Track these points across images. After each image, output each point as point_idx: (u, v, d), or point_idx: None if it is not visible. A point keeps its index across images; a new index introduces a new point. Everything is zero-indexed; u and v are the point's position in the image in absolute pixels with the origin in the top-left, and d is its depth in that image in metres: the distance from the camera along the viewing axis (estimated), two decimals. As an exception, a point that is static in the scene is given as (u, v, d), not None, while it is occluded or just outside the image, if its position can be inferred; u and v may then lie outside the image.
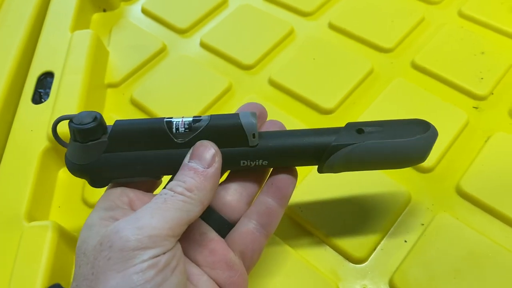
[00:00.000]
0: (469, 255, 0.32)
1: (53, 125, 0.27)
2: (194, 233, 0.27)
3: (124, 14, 0.53)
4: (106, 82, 0.46)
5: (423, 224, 0.34)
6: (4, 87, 0.42)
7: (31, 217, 0.34)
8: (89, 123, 0.25)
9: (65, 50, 0.45)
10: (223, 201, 0.29)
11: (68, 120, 0.26)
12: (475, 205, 0.35)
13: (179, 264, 0.23)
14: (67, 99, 0.40)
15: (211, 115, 0.27)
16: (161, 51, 0.48)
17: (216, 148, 0.26)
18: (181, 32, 0.50)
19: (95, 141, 0.26)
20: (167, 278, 0.22)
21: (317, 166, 0.29)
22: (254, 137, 0.27)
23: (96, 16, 0.53)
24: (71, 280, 0.24)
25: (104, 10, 0.54)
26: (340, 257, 0.33)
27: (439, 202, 0.35)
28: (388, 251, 0.33)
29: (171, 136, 0.26)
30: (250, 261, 0.28)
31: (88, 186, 0.38)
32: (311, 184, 0.36)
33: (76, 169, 0.27)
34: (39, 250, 0.32)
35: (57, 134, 0.27)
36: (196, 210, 0.24)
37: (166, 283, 0.22)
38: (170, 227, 0.23)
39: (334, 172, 0.28)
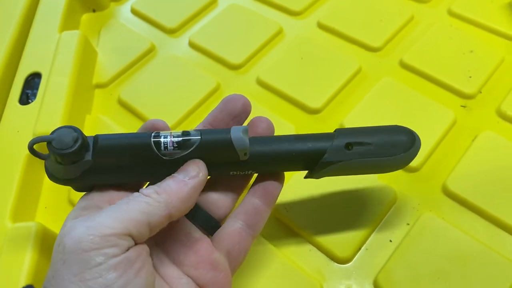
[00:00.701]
0: (454, 255, 0.32)
1: (29, 145, 0.24)
2: (179, 233, 0.27)
3: (113, 15, 0.53)
4: (94, 82, 0.46)
5: (408, 224, 0.34)
6: (-8, 88, 0.42)
7: (16, 218, 0.34)
8: (70, 147, 0.24)
9: (52, 51, 0.44)
10: (210, 200, 0.29)
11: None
12: (461, 205, 0.35)
13: (145, 266, 0.23)
14: (54, 100, 0.40)
15: (201, 132, 0.26)
16: (150, 51, 0.48)
17: (203, 165, 0.26)
18: (170, 32, 0.50)
19: (78, 162, 0.25)
20: (131, 281, 0.21)
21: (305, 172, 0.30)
22: (245, 154, 0.26)
23: (86, 17, 0.53)
24: None
25: (94, 11, 0.53)
26: (325, 257, 0.33)
27: (425, 201, 0.35)
28: (373, 251, 0.33)
29: (159, 154, 0.25)
30: (236, 261, 0.28)
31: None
32: (297, 184, 0.36)
33: (58, 182, 0.26)
34: (22, 251, 0.31)
35: (35, 152, 0.25)
36: (158, 213, 0.23)
37: (129, 286, 0.21)
38: (124, 226, 0.22)
39: (320, 177, 0.29)
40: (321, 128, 0.40)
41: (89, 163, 0.25)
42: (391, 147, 0.28)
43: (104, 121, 0.42)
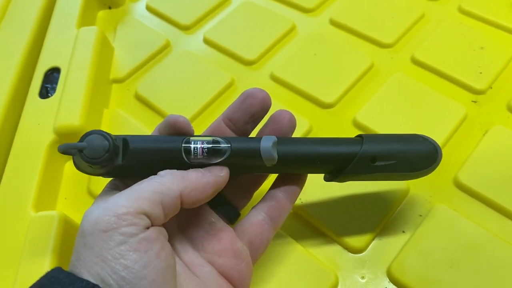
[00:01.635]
0: (465, 246, 0.33)
1: (60, 150, 0.24)
2: (203, 222, 0.28)
3: (129, 11, 0.54)
4: (111, 77, 0.47)
5: (421, 215, 0.35)
6: (13, 82, 0.44)
7: (38, 208, 0.35)
8: (101, 156, 0.24)
9: (71, 46, 0.45)
10: (230, 189, 0.30)
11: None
12: (473, 197, 0.35)
13: (164, 248, 0.23)
14: (73, 94, 0.41)
15: (231, 142, 0.27)
16: (165, 47, 0.49)
17: (227, 170, 0.26)
18: (184, 28, 0.51)
19: (108, 166, 0.25)
20: (151, 262, 0.22)
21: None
22: (271, 163, 0.27)
23: (102, 13, 0.54)
24: None
25: (110, 7, 0.54)
26: (339, 247, 0.34)
27: (437, 194, 0.36)
28: (386, 241, 0.34)
29: (188, 162, 0.26)
30: (257, 251, 0.29)
31: (93, 177, 0.39)
32: (312, 176, 0.37)
33: (86, 174, 0.26)
34: (46, 239, 0.32)
35: (65, 152, 0.25)
36: (170, 195, 0.24)
37: (150, 267, 0.21)
38: (138, 205, 0.22)
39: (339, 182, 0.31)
40: (334, 122, 0.41)
41: (119, 165, 0.25)
42: (415, 162, 0.29)
43: (121, 115, 0.43)
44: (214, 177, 0.26)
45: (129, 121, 0.43)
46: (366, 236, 0.34)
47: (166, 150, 0.26)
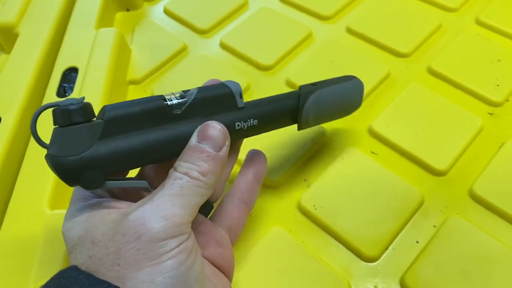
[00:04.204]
0: (480, 258, 0.32)
1: (34, 115, 0.23)
2: None
3: (146, 14, 0.54)
4: (128, 79, 0.47)
5: (435, 226, 0.35)
6: (31, 81, 0.44)
7: (53, 206, 0.36)
8: (78, 103, 0.23)
9: (89, 47, 0.46)
10: None
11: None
12: (488, 209, 0.35)
13: (198, 247, 0.25)
14: (91, 93, 0.41)
15: (200, 87, 0.29)
16: (182, 51, 0.50)
17: (225, 128, 0.27)
18: (201, 32, 0.51)
19: (88, 123, 0.24)
20: (194, 260, 0.24)
21: (297, 126, 0.34)
22: (240, 96, 0.29)
23: (120, 15, 0.55)
24: None
25: (128, 10, 0.55)
26: (352, 255, 0.34)
27: (452, 205, 0.36)
28: (400, 251, 0.34)
29: (168, 107, 0.26)
30: (236, 235, 0.31)
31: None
32: (326, 184, 0.37)
33: (68, 165, 0.23)
34: (61, 237, 0.33)
35: (35, 127, 0.24)
36: (208, 194, 0.25)
37: (194, 265, 0.24)
38: (189, 213, 0.24)
39: (308, 126, 0.34)
40: (350, 130, 0.41)
41: (101, 126, 0.24)
42: (342, 80, 0.35)
43: (137, 116, 0.44)
44: (224, 149, 0.26)
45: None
46: (380, 245, 0.34)
47: (144, 101, 0.26)
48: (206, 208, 0.30)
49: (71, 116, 0.23)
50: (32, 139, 0.40)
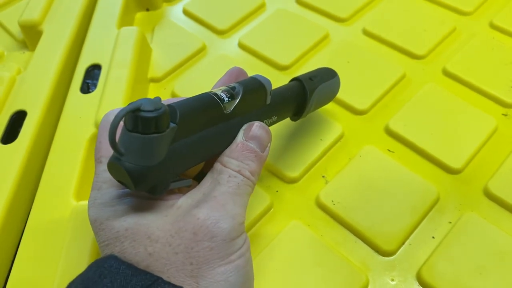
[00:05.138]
0: (495, 253, 0.33)
1: (116, 119, 0.20)
2: None
3: (166, 14, 0.56)
4: (149, 76, 0.48)
5: (450, 222, 0.35)
6: (55, 77, 0.45)
7: (79, 197, 0.37)
8: (158, 109, 0.21)
9: (112, 45, 0.47)
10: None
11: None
12: (502, 207, 0.36)
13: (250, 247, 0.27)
14: (114, 90, 0.42)
15: (238, 82, 0.29)
16: (201, 50, 0.51)
17: (269, 130, 0.28)
18: (220, 33, 0.52)
19: (165, 132, 0.22)
20: (250, 259, 0.26)
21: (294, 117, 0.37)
22: (270, 94, 0.30)
23: (139, 15, 0.56)
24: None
25: (147, 10, 0.56)
26: (370, 250, 0.35)
27: (467, 202, 0.37)
28: (416, 246, 0.35)
29: (222, 107, 0.27)
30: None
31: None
32: (344, 180, 0.38)
33: (143, 174, 0.22)
34: (88, 227, 0.33)
35: (115, 133, 0.21)
36: (251, 191, 0.27)
37: (249, 264, 0.25)
38: (245, 211, 0.26)
39: (306, 115, 0.37)
40: (366, 128, 0.42)
41: (174, 131, 0.23)
42: (329, 75, 0.39)
43: (158, 113, 0.45)
44: (267, 150, 0.28)
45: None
46: (397, 240, 0.35)
47: (204, 101, 0.26)
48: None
49: (156, 124, 0.22)
50: (56, 133, 0.41)
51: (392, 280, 0.33)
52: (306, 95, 0.35)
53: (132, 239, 0.23)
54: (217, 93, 0.27)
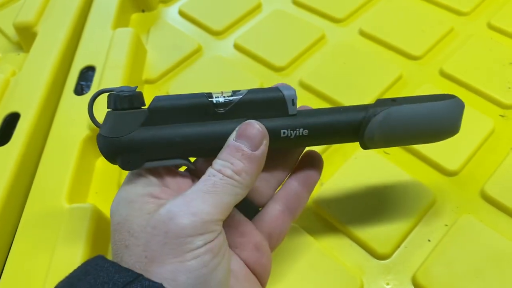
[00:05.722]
0: (491, 256, 0.33)
1: (91, 98, 0.26)
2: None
3: (161, 15, 0.55)
4: (144, 78, 0.48)
5: (447, 225, 0.35)
6: (49, 79, 0.45)
7: (71, 200, 0.36)
8: (129, 91, 0.26)
9: (106, 46, 0.47)
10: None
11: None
12: (499, 209, 0.36)
13: (227, 248, 0.25)
14: (108, 92, 0.42)
15: (251, 89, 0.27)
16: (196, 51, 0.50)
17: (264, 128, 0.26)
18: (216, 34, 0.52)
19: (134, 110, 0.26)
20: (220, 262, 0.23)
21: (359, 144, 0.29)
22: (293, 103, 0.27)
23: (135, 16, 0.56)
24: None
25: (143, 11, 0.56)
26: (364, 253, 0.34)
27: (463, 205, 0.36)
28: (412, 249, 0.34)
29: (212, 105, 0.26)
30: (276, 242, 0.30)
31: (124, 174, 0.40)
32: (339, 183, 0.37)
33: (110, 145, 0.25)
34: (79, 230, 0.33)
35: (92, 109, 0.26)
36: (242, 193, 0.25)
37: (219, 267, 0.23)
38: (220, 212, 0.24)
39: (375, 146, 0.29)
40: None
41: (145, 115, 0.25)
42: (434, 98, 0.29)
43: (152, 115, 0.44)
44: (261, 148, 0.26)
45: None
46: (392, 243, 0.34)
47: (191, 96, 0.26)
48: (251, 210, 0.30)
49: (122, 102, 0.26)
50: (50, 135, 0.41)
51: (387, 284, 0.33)
52: (367, 117, 0.28)
53: (119, 232, 0.24)
54: (213, 93, 0.27)
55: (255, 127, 0.26)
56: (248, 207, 0.30)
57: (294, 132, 0.27)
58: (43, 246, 0.33)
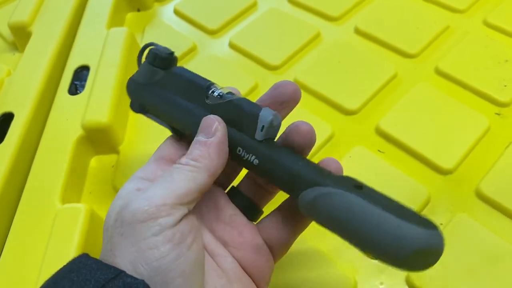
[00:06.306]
0: (486, 256, 0.33)
1: (141, 49, 0.32)
2: (224, 214, 0.28)
3: (157, 14, 0.55)
4: (138, 77, 0.48)
5: (441, 224, 0.35)
6: (43, 78, 0.45)
7: (64, 200, 0.36)
8: (166, 53, 0.30)
9: (101, 46, 0.47)
10: (256, 189, 0.30)
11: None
12: (494, 208, 0.35)
13: (196, 241, 0.24)
14: (102, 91, 0.42)
15: (243, 97, 0.28)
16: (191, 50, 0.50)
17: (220, 120, 0.26)
18: (211, 33, 0.52)
19: (158, 68, 0.30)
20: (183, 254, 0.22)
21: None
22: (262, 129, 0.26)
23: (130, 15, 0.56)
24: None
25: (138, 10, 0.56)
26: (357, 252, 0.34)
27: (458, 203, 0.36)
28: (406, 248, 0.34)
29: (205, 94, 0.28)
30: (277, 251, 0.28)
31: (118, 174, 0.40)
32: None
33: (127, 86, 0.32)
34: (72, 230, 0.33)
35: (141, 57, 0.32)
36: (203, 177, 0.25)
37: (182, 259, 0.22)
38: (175, 196, 0.23)
39: (314, 219, 0.25)
40: (357, 129, 0.41)
41: (161, 75, 0.30)
42: (407, 215, 0.22)
43: (147, 114, 0.44)
44: (214, 136, 0.26)
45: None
46: (386, 242, 0.34)
47: (196, 78, 0.29)
48: (254, 213, 0.30)
49: (155, 60, 0.30)
50: (43, 135, 0.41)
51: (381, 283, 0.33)
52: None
53: (103, 231, 0.24)
54: (216, 84, 0.29)
55: (209, 118, 0.27)
56: (252, 210, 0.30)
57: (248, 156, 0.27)
58: (36, 246, 0.33)
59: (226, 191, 0.30)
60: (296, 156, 0.26)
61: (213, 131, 0.26)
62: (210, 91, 0.28)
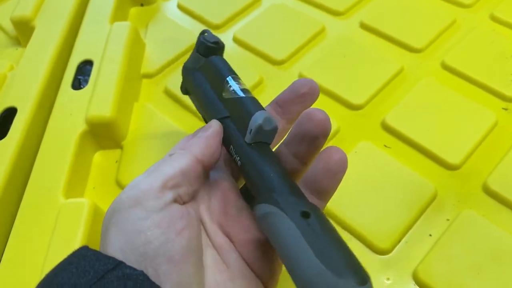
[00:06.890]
0: (494, 252, 0.32)
1: (199, 34, 0.34)
2: (231, 207, 0.27)
3: (160, 9, 0.55)
4: (142, 72, 0.48)
5: (448, 220, 0.35)
6: (46, 73, 0.45)
7: (68, 195, 0.36)
8: (213, 42, 0.32)
9: (104, 40, 0.46)
10: None
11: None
12: (502, 203, 0.35)
13: (188, 228, 0.23)
14: (105, 86, 0.41)
15: (252, 96, 0.28)
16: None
17: (217, 123, 0.28)
18: (215, 27, 0.52)
19: (201, 56, 0.32)
20: (172, 239, 0.22)
21: None
22: (250, 132, 0.26)
23: (134, 10, 0.55)
24: None
25: (142, 5, 0.55)
26: (365, 248, 0.34)
27: (465, 199, 0.36)
28: (413, 244, 0.34)
29: (223, 87, 0.29)
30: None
31: (121, 169, 0.39)
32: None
33: (184, 68, 0.35)
34: (76, 224, 0.33)
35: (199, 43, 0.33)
36: (185, 161, 0.25)
37: (169, 244, 0.22)
38: (161, 180, 0.23)
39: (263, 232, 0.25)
40: (363, 124, 0.41)
41: (201, 63, 0.32)
42: (340, 267, 0.20)
43: (150, 109, 0.44)
44: (207, 132, 0.27)
45: (158, 115, 0.43)
46: (392, 238, 0.34)
47: (222, 70, 0.30)
48: None
49: (201, 48, 0.32)
50: (47, 130, 0.40)
51: (388, 279, 0.32)
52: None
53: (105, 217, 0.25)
54: (235, 76, 0.30)
55: (212, 121, 0.28)
56: None
57: (235, 155, 0.27)
58: (39, 241, 0.33)
59: (240, 187, 0.30)
60: (273, 167, 0.25)
61: (206, 128, 0.27)
62: (228, 85, 0.29)
